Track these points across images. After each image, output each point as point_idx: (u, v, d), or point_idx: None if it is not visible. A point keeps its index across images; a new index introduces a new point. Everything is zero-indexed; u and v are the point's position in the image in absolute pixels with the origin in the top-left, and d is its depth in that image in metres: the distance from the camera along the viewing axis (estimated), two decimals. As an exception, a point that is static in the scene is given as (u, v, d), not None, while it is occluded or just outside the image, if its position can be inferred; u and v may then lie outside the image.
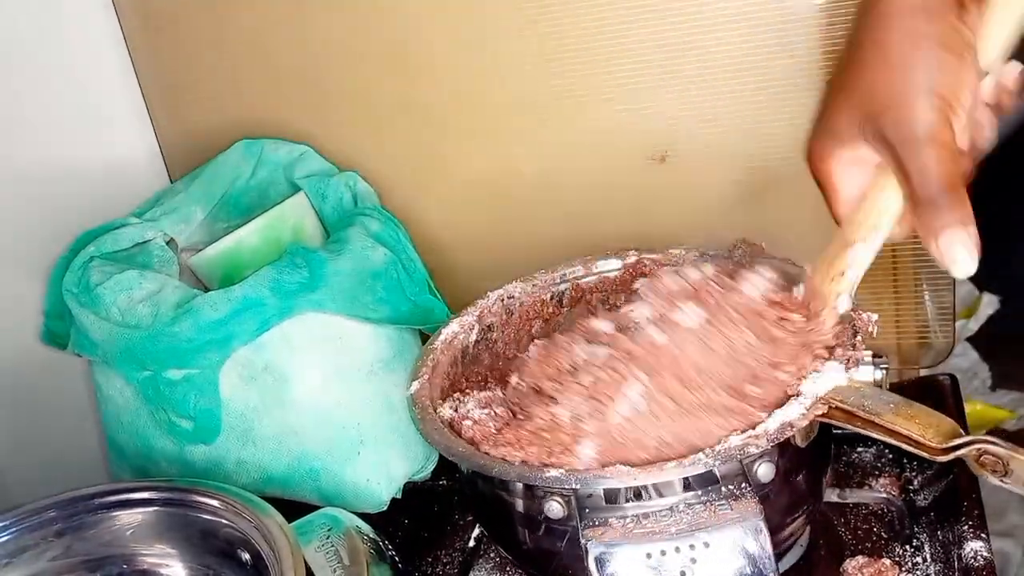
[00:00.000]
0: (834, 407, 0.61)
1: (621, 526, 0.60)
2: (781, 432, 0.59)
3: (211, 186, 0.91)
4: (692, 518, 0.60)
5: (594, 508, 0.61)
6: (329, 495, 0.81)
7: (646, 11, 0.83)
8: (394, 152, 0.93)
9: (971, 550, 0.68)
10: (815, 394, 0.61)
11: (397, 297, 0.83)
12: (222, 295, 0.77)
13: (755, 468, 0.61)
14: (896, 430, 0.59)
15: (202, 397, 0.78)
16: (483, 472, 0.64)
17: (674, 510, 0.60)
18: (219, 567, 0.67)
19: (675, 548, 0.59)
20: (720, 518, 0.59)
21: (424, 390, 0.72)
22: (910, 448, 0.59)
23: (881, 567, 0.69)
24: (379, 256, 0.83)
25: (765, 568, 0.59)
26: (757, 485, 0.61)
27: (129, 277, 0.80)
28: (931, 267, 0.86)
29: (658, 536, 0.59)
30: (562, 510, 0.62)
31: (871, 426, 0.60)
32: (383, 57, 0.89)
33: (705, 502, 0.60)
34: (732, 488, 0.61)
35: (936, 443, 0.58)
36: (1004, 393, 1.43)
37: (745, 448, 0.59)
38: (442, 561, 0.79)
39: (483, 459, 0.64)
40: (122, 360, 0.79)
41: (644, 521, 0.60)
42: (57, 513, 0.67)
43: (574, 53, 0.85)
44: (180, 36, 0.94)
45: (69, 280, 0.82)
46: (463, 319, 0.79)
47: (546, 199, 0.91)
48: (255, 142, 0.92)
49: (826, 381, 0.62)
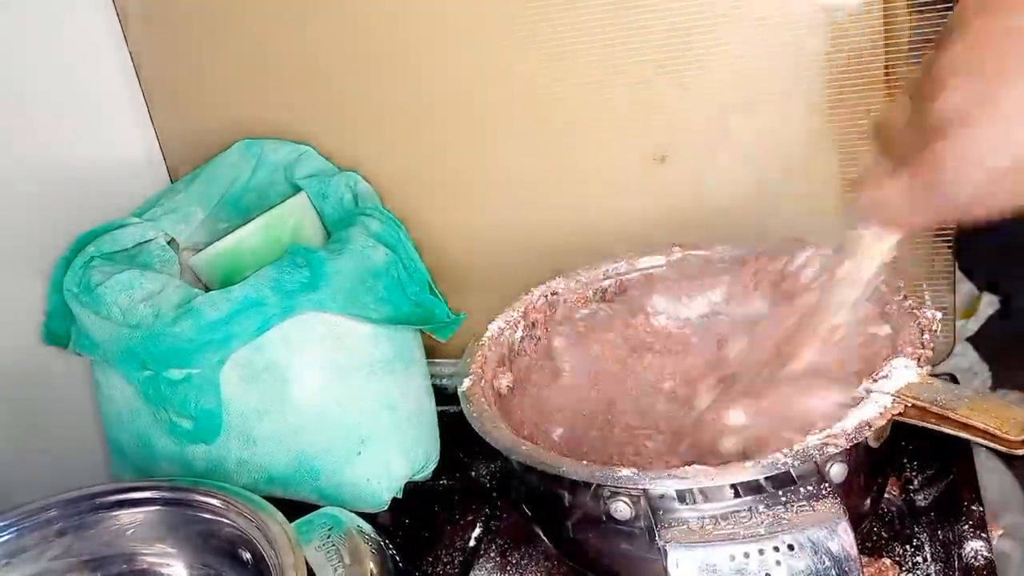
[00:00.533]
0: (909, 405, 0.61)
1: (700, 527, 0.59)
2: (859, 432, 0.59)
3: (211, 186, 0.91)
4: (773, 519, 0.58)
5: (668, 509, 0.60)
6: (329, 495, 0.81)
7: (646, 11, 0.83)
8: (394, 152, 0.93)
9: (971, 550, 0.68)
10: (891, 392, 0.61)
11: (398, 297, 0.83)
12: (223, 295, 0.77)
13: (828, 468, 0.60)
14: (972, 424, 0.58)
15: (203, 397, 0.78)
16: (549, 472, 0.63)
17: (753, 511, 0.59)
18: (220, 566, 0.67)
19: (759, 550, 0.58)
20: (803, 519, 0.58)
21: (476, 386, 0.72)
22: (985, 442, 0.58)
23: (881, 567, 0.69)
24: (380, 256, 0.83)
25: (850, 569, 0.57)
26: (833, 485, 0.60)
27: (130, 277, 0.80)
28: (930, 267, 0.87)
29: (741, 538, 0.58)
30: (630, 510, 0.61)
31: (945, 421, 0.59)
32: (383, 57, 0.89)
33: (785, 503, 0.59)
34: (811, 488, 0.59)
35: (1013, 435, 0.57)
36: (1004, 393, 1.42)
37: (824, 448, 0.58)
38: (442, 561, 0.79)
39: (550, 458, 0.64)
40: (123, 360, 0.79)
41: (723, 522, 0.59)
42: (58, 513, 0.68)
43: (574, 53, 0.85)
44: (181, 36, 0.94)
45: (70, 280, 0.82)
46: (508, 315, 0.80)
47: (546, 199, 0.91)
48: (255, 142, 0.93)
49: (899, 378, 0.61)
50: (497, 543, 0.79)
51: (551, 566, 0.75)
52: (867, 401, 0.61)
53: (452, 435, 0.86)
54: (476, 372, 0.74)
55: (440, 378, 0.90)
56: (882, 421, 0.60)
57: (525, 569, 0.76)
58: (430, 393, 0.86)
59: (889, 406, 0.60)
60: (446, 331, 0.86)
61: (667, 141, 0.87)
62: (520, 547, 0.78)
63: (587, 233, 0.91)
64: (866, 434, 0.59)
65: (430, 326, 0.85)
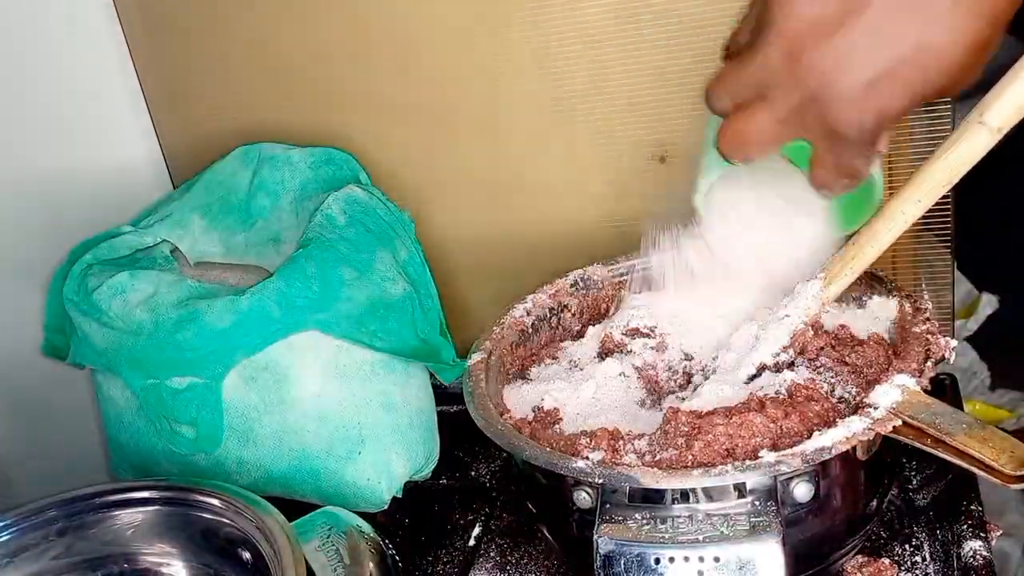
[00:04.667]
0: (904, 423, 0.59)
1: (636, 527, 0.59)
2: (818, 454, 0.57)
3: (210, 193, 0.91)
4: (709, 529, 0.58)
5: (616, 504, 0.60)
6: (329, 494, 0.81)
7: (646, 12, 0.83)
8: (394, 154, 0.93)
9: (970, 549, 0.68)
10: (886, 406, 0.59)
11: (407, 332, 0.82)
12: (228, 304, 0.77)
13: (791, 486, 0.59)
14: (968, 452, 0.56)
15: (204, 406, 0.78)
16: (514, 454, 0.63)
17: (693, 518, 0.59)
18: (220, 566, 0.67)
19: (684, 557, 0.57)
20: (736, 533, 0.57)
21: (481, 363, 0.72)
22: (979, 471, 0.56)
23: (880, 566, 0.69)
24: (398, 290, 0.81)
25: None
26: (793, 504, 0.59)
27: (120, 280, 0.80)
28: (931, 267, 0.87)
29: (669, 542, 0.58)
30: (590, 501, 0.61)
31: (941, 446, 0.58)
32: (384, 58, 0.89)
33: (726, 515, 0.58)
34: (758, 505, 0.59)
35: (1009, 469, 0.55)
36: (1003, 393, 1.43)
37: (778, 465, 0.57)
38: (442, 561, 0.79)
39: (518, 441, 0.64)
40: (125, 367, 0.79)
41: (661, 525, 0.59)
42: (58, 512, 0.67)
43: (574, 53, 0.85)
44: (182, 40, 0.94)
45: (69, 288, 0.82)
46: (537, 296, 0.79)
47: (546, 199, 0.92)
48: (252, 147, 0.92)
49: (896, 395, 0.60)
50: (497, 543, 0.79)
51: (551, 566, 0.75)
52: (855, 417, 0.59)
53: (452, 435, 0.86)
54: (486, 349, 0.74)
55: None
56: (845, 446, 0.57)
57: (525, 569, 0.76)
58: (430, 393, 0.86)
59: (858, 432, 0.58)
60: (448, 375, 0.84)
61: (667, 141, 0.87)
62: (520, 547, 0.78)
63: (588, 233, 0.91)
64: (825, 457, 0.57)
65: (433, 365, 0.84)
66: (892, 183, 0.84)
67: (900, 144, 0.82)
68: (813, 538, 0.62)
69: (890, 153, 0.83)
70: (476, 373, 0.72)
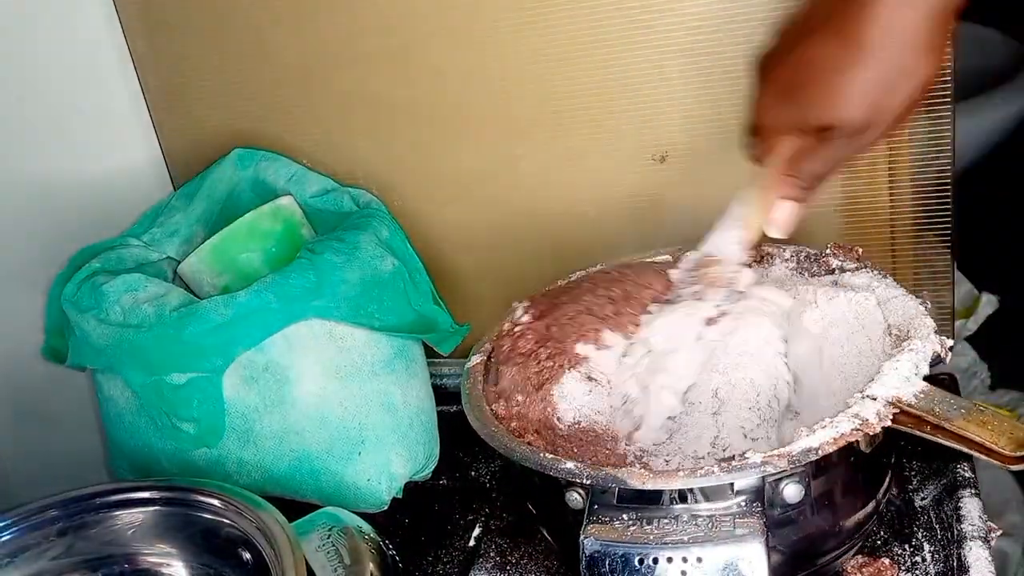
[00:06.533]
0: (902, 411, 0.59)
1: (623, 528, 0.59)
2: (805, 455, 0.57)
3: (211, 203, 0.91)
4: (694, 530, 0.58)
5: (605, 505, 0.60)
6: (330, 495, 0.81)
7: (646, 12, 0.83)
8: (393, 153, 0.93)
9: (970, 549, 0.68)
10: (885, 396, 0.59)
11: (402, 307, 0.83)
12: (227, 299, 0.77)
13: (780, 487, 0.59)
14: (967, 436, 0.57)
15: (205, 401, 0.78)
16: (506, 456, 0.64)
17: (679, 519, 0.59)
18: (220, 566, 0.67)
19: (667, 558, 0.57)
20: (720, 535, 0.57)
21: (480, 365, 0.73)
22: (979, 455, 0.57)
23: (880, 566, 0.69)
24: (387, 266, 0.83)
25: None
26: (783, 505, 0.59)
27: (135, 278, 0.81)
28: (930, 267, 0.87)
29: (654, 543, 0.58)
30: (581, 502, 0.61)
31: (940, 431, 0.58)
32: (385, 59, 0.89)
33: (712, 516, 0.58)
34: (743, 506, 0.58)
35: (1009, 451, 0.56)
36: (1003, 392, 1.43)
37: (764, 466, 0.57)
38: (442, 561, 0.79)
39: (509, 442, 0.64)
40: (125, 364, 0.79)
41: (647, 526, 0.59)
42: (58, 512, 0.68)
43: (575, 54, 0.85)
44: (182, 40, 0.94)
45: (69, 290, 0.82)
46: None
47: (547, 199, 0.92)
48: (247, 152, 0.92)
49: (895, 385, 0.60)
50: (497, 543, 0.79)
51: (551, 566, 0.75)
52: (831, 423, 0.59)
53: (452, 435, 0.86)
54: (485, 350, 0.74)
55: (440, 378, 0.91)
56: (832, 447, 0.57)
57: (525, 569, 0.76)
58: (430, 393, 0.86)
59: (847, 431, 0.58)
60: (448, 343, 0.85)
61: (667, 141, 0.87)
62: (520, 547, 0.78)
63: (588, 233, 0.91)
64: (813, 457, 0.57)
65: (432, 337, 0.85)
66: (892, 183, 0.85)
67: (900, 144, 0.83)
68: (807, 538, 0.62)
69: (890, 153, 0.83)
70: (475, 375, 0.72)
